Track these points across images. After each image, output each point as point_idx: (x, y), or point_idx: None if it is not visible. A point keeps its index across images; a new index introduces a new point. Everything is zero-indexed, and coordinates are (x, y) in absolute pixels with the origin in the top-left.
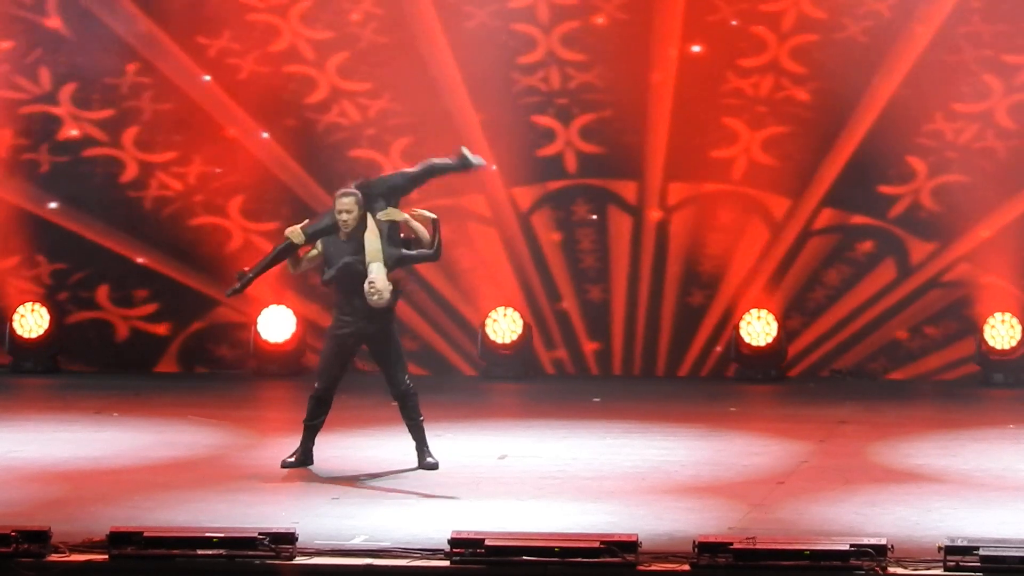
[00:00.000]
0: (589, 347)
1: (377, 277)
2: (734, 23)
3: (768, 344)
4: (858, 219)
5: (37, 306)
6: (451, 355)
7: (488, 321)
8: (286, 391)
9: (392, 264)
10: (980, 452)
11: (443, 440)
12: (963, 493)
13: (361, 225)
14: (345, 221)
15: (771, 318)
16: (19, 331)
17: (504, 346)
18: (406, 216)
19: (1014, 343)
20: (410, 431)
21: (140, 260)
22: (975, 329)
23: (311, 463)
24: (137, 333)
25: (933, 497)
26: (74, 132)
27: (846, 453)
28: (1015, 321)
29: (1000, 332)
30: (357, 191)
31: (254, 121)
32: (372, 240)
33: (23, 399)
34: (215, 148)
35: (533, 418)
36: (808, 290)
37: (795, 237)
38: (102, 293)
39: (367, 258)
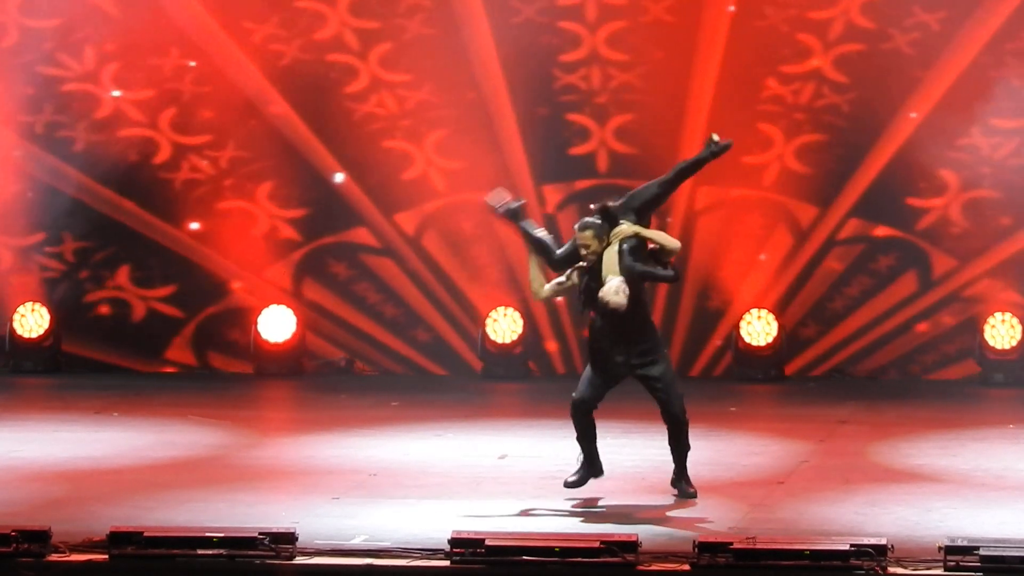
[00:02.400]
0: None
1: (607, 287)
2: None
3: (768, 344)
4: (883, 230)
5: (37, 306)
6: (451, 355)
7: (488, 321)
8: (286, 391)
9: (630, 277)
10: (980, 452)
11: (444, 440)
12: (963, 493)
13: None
14: (584, 256)
15: (771, 318)
16: (19, 331)
17: (504, 346)
18: (637, 229)
19: (1014, 343)
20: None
21: (161, 240)
22: (975, 329)
23: (597, 474)
24: (153, 314)
25: (933, 497)
26: (109, 111)
27: (846, 453)
28: (1015, 321)
29: (1000, 332)
30: (596, 221)
31: (292, 107)
32: (610, 256)
33: (23, 399)
34: (249, 133)
35: (533, 418)
36: (828, 299)
37: (819, 246)
38: (123, 273)
39: (604, 272)
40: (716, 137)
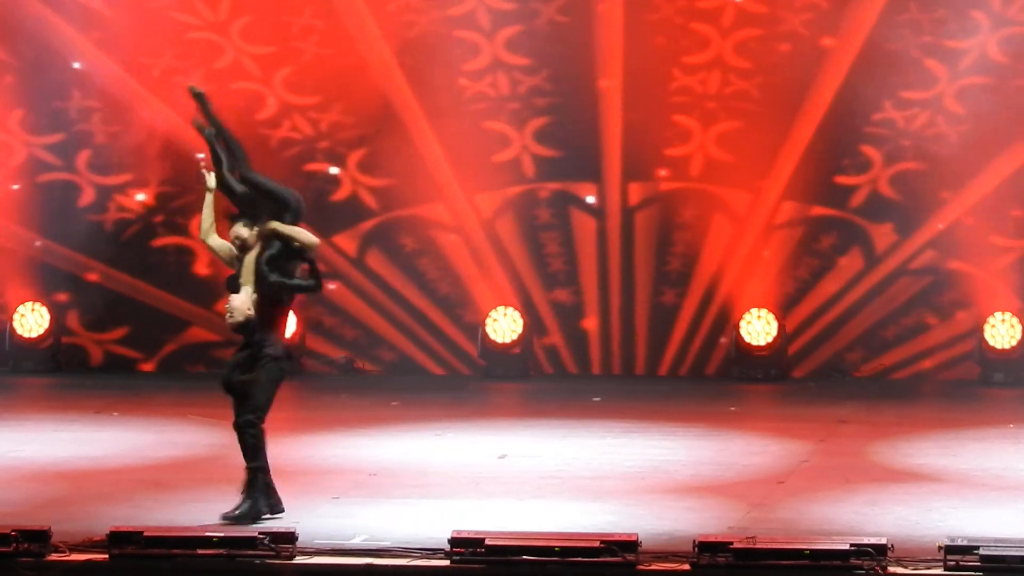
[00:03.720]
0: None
1: (233, 301)
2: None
3: (768, 344)
4: (819, 210)
5: (37, 306)
6: (452, 355)
7: (488, 321)
8: (286, 391)
9: (265, 287)
10: (980, 452)
11: (444, 440)
12: (963, 493)
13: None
14: (236, 247)
15: (771, 317)
16: (19, 331)
17: (504, 346)
18: (276, 226)
19: (1014, 343)
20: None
21: (93, 278)
22: (975, 329)
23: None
24: None
25: (933, 497)
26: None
27: (846, 453)
28: (1015, 321)
29: (1000, 332)
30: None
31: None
32: (250, 261)
33: (23, 399)
34: (170, 170)
35: (533, 418)
36: (780, 284)
37: (760, 232)
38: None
39: (242, 277)
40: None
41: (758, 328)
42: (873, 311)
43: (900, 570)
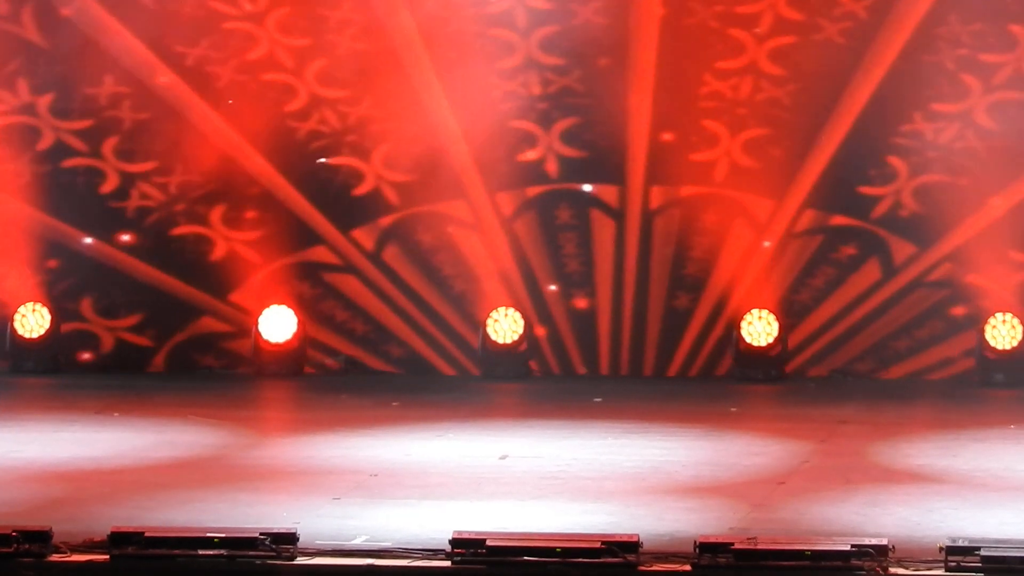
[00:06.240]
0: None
1: None
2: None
3: (769, 344)
4: (840, 220)
5: (38, 306)
6: (452, 355)
7: (489, 321)
8: (286, 391)
9: None
10: (981, 452)
11: (444, 440)
12: (964, 493)
13: None
14: None
15: (772, 318)
16: (20, 331)
17: (505, 346)
18: None
19: (1014, 343)
20: None
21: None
22: (975, 329)
23: None
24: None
25: (934, 497)
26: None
27: (847, 453)
28: (1016, 321)
29: (1000, 332)
30: None
31: (235, 130)
32: None
33: (23, 399)
34: (196, 157)
35: (534, 418)
36: (794, 292)
37: (779, 239)
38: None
39: None
40: None
41: (759, 329)
42: (886, 322)
43: (901, 571)
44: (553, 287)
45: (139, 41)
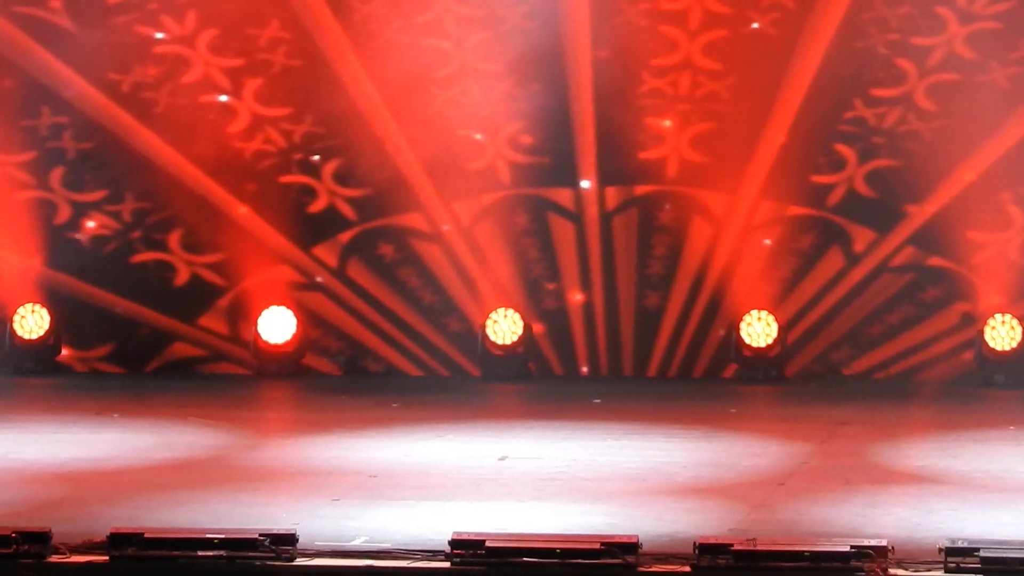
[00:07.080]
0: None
1: None
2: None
3: (769, 345)
4: (796, 210)
5: (37, 306)
6: (451, 355)
7: (488, 322)
8: (286, 391)
9: None
10: (981, 453)
11: (444, 441)
12: (964, 494)
13: None
14: None
15: (771, 319)
16: (19, 331)
17: (505, 347)
18: None
19: (1014, 344)
20: None
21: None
22: (975, 330)
23: None
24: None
25: (934, 498)
26: None
27: (847, 454)
28: (1015, 322)
29: (1000, 332)
30: None
31: (180, 154)
32: None
33: (23, 399)
34: (145, 184)
35: (533, 419)
36: (767, 284)
37: (739, 233)
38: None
39: None
40: None
41: (758, 330)
42: (856, 309)
43: (901, 572)
44: (551, 286)
45: (71, 70)
